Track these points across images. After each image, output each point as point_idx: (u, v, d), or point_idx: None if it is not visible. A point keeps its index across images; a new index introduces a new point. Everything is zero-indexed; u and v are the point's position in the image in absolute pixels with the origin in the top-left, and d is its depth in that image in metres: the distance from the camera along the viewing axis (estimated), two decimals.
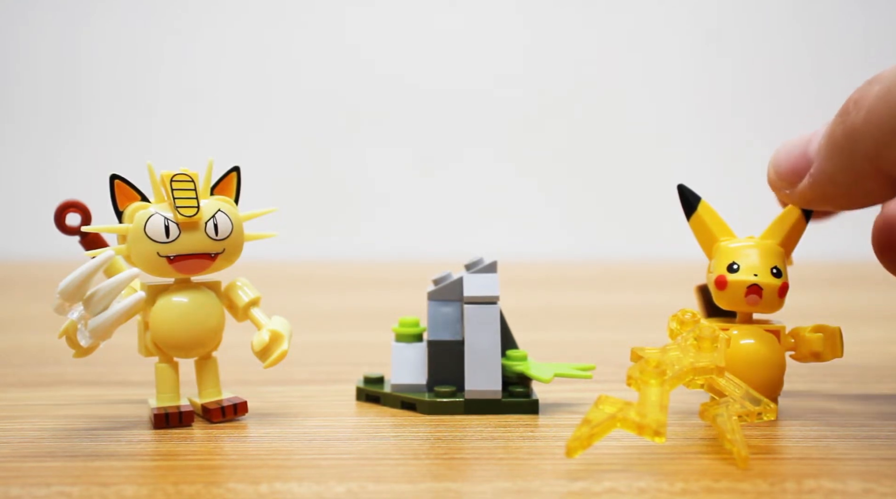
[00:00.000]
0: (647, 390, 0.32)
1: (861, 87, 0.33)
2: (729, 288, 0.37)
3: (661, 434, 0.30)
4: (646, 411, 0.31)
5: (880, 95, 0.32)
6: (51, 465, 0.32)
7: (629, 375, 0.32)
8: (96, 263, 0.34)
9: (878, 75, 0.33)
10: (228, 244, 0.37)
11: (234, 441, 0.35)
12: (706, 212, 0.39)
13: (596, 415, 0.31)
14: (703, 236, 0.39)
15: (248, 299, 0.38)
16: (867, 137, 0.32)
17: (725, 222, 0.39)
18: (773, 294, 0.37)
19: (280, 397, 0.42)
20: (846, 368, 0.48)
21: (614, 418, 0.31)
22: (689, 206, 0.39)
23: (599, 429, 0.31)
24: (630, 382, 0.32)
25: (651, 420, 0.30)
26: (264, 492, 0.29)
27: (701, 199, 0.39)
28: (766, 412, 0.35)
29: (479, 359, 0.39)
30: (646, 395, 0.32)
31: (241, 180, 0.38)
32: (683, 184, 0.39)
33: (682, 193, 0.39)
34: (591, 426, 0.31)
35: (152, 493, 0.29)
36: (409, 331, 0.42)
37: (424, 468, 0.32)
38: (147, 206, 0.36)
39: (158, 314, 0.37)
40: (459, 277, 0.41)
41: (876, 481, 0.30)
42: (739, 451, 0.31)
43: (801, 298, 0.50)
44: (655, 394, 0.31)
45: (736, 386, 0.34)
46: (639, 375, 0.32)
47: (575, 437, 0.30)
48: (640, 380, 0.32)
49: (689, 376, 0.33)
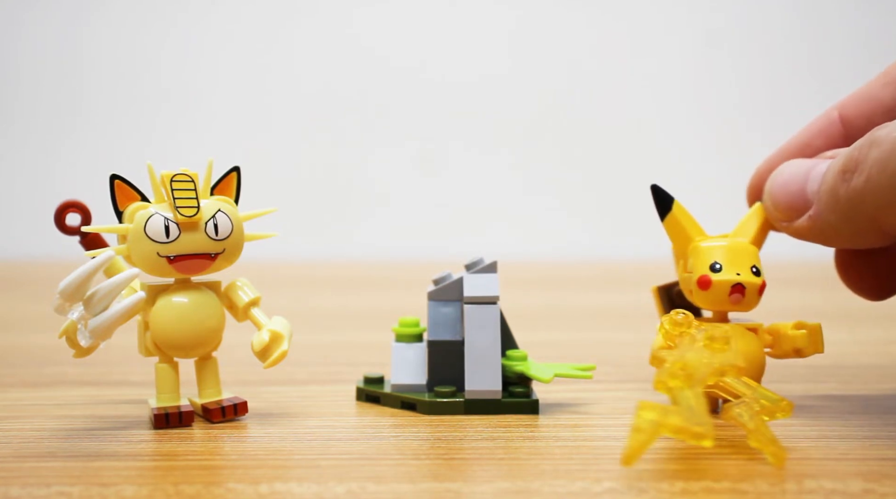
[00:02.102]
0: (681, 394, 0.31)
1: (861, 146, 0.33)
2: (713, 288, 0.37)
3: (708, 437, 0.30)
4: (688, 416, 0.30)
5: (880, 165, 0.32)
6: (51, 465, 0.32)
7: (658, 379, 0.32)
8: (96, 264, 0.34)
9: (877, 136, 0.32)
10: (228, 244, 0.37)
11: (234, 441, 0.35)
12: (680, 212, 0.39)
13: (642, 423, 0.30)
14: (678, 236, 0.39)
15: (248, 299, 0.38)
16: (868, 203, 0.33)
17: (698, 223, 0.39)
18: (753, 293, 0.37)
19: (280, 398, 0.42)
20: (846, 368, 0.48)
21: (659, 425, 0.30)
22: (663, 206, 0.39)
23: (650, 436, 0.30)
24: (659, 386, 0.32)
25: (695, 425, 0.30)
26: (264, 492, 0.29)
27: (674, 199, 0.39)
28: (782, 410, 0.34)
29: (479, 359, 0.39)
30: (682, 399, 0.31)
31: (241, 180, 0.38)
32: (657, 184, 0.39)
33: (657, 194, 0.39)
34: (643, 434, 0.30)
35: (152, 493, 0.29)
36: (409, 331, 0.42)
37: (424, 468, 0.32)
38: (147, 206, 0.36)
39: (158, 314, 0.37)
40: (459, 277, 0.41)
41: (876, 481, 0.30)
42: (776, 450, 0.31)
43: (800, 297, 0.50)
44: (691, 398, 0.31)
45: (747, 386, 0.34)
46: (668, 379, 0.32)
47: (630, 446, 0.30)
48: (671, 384, 0.32)
49: (715, 378, 0.33)
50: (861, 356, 0.52)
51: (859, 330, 0.60)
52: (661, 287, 0.42)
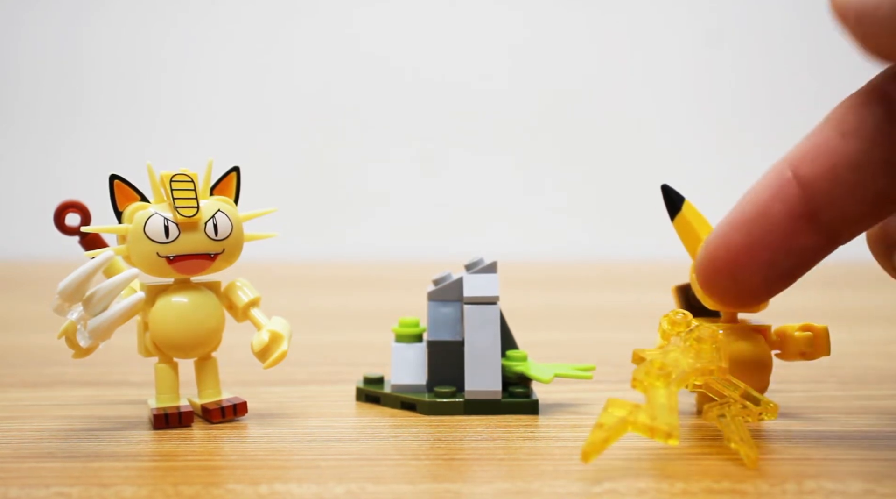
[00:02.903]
0: (654, 392, 0.32)
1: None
2: None
3: (674, 436, 0.30)
4: (656, 414, 0.31)
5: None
6: (50, 465, 0.32)
7: (634, 377, 0.32)
8: (96, 264, 0.34)
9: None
10: (228, 244, 0.37)
11: (233, 442, 0.35)
12: (690, 212, 0.39)
13: (608, 419, 0.31)
14: (688, 237, 0.39)
15: (247, 300, 0.38)
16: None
17: (709, 222, 0.39)
18: None
19: (280, 398, 0.42)
20: (846, 368, 0.48)
21: (626, 422, 0.30)
22: (673, 206, 0.39)
23: (613, 433, 0.30)
24: (636, 384, 0.32)
25: (662, 423, 0.30)
26: (264, 493, 0.29)
27: (685, 199, 0.39)
28: (767, 412, 0.35)
29: (479, 359, 0.39)
30: (654, 397, 0.31)
31: (241, 180, 0.38)
32: (667, 184, 0.39)
33: (667, 194, 0.39)
34: (605, 430, 0.30)
35: (152, 493, 0.29)
36: (409, 331, 0.42)
37: (424, 469, 0.32)
38: (147, 206, 0.36)
39: (158, 314, 0.37)
40: (459, 278, 0.41)
41: (876, 481, 0.30)
42: (748, 452, 0.31)
43: (800, 297, 0.50)
44: (663, 396, 0.31)
45: (734, 387, 0.34)
46: (644, 377, 0.32)
47: (590, 442, 0.30)
48: (647, 382, 0.32)
49: (694, 378, 0.33)
50: (861, 356, 0.52)
51: (859, 330, 0.60)
52: (679, 287, 0.42)
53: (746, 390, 0.34)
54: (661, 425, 0.30)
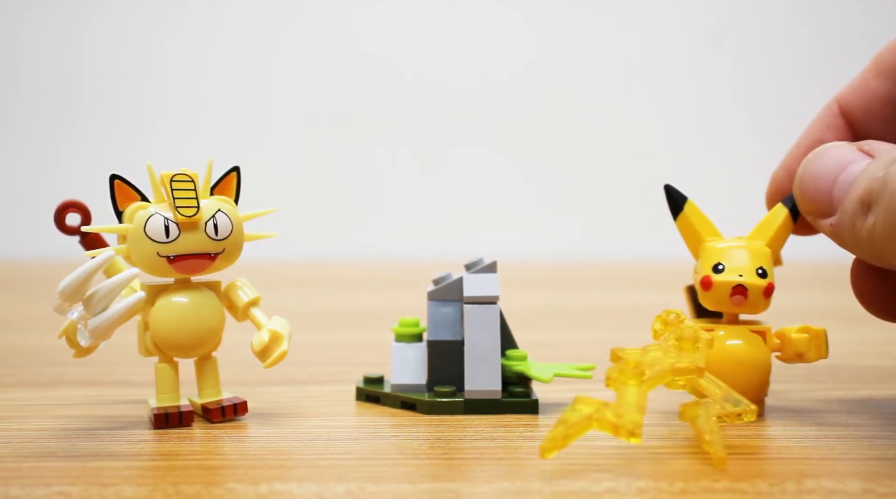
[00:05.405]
0: (624, 390, 0.32)
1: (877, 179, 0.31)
2: (714, 288, 0.37)
3: (637, 435, 0.30)
4: (622, 412, 0.31)
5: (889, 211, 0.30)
6: (51, 465, 0.32)
7: (608, 375, 0.32)
8: (96, 264, 0.34)
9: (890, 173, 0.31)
10: (228, 244, 0.37)
11: (234, 441, 0.35)
12: (693, 212, 0.39)
13: (572, 415, 0.31)
14: (690, 237, 0.39)
15: (247, 299, 0.38)
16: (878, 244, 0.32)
17: (712, 222, 0.39)
18: (758, 294, 0.37)
19: (280, 398, 0.42)
20: (846, 368, 0.48)
21: (590, 419, 0.30)
22: (675, 206, 0.39)
23: (575, 429, 0.30)
24: (609, 382, 0.32)
25: (627, 421, 0.30)
26: (264, 492, 0.29)
27: (687, 199, 0.39)
28: (746, 413, 0.34)
29: (479, 359, 0.39)
30: (623, 395, 0.31)
31: (241, 180, 0.38)
32: (670, 184, 0.39)
33: (669, 193, 0.39)
34: (567, 427, 0.30)
35: (152, 493, 0.29)
36: (409, 331, 0.42)
37: (424, 468, 0.32)
38: (147, 206, 0.36)
39: (158, 314, 0.37)
40: (459, 277, 0.41)
41: (876, 481, 0.30)
42: (717, 452, 0.31)
43: (800, 298, 0.50)
44: (633, 394, 0.31)
45: (717, 387, 0.34)
46: (617, 375, 0.32)
47: (549, 437, 0.30)
48: (619, 380, 0.32)
49: (669, 377, 0.33)
50: (861, 356, 0.52)
51: (859, 330, 0.60)
52: (689, 287, 0.42)
53: (728, 391, 0.34)
54: (626, 422, 0.30)
